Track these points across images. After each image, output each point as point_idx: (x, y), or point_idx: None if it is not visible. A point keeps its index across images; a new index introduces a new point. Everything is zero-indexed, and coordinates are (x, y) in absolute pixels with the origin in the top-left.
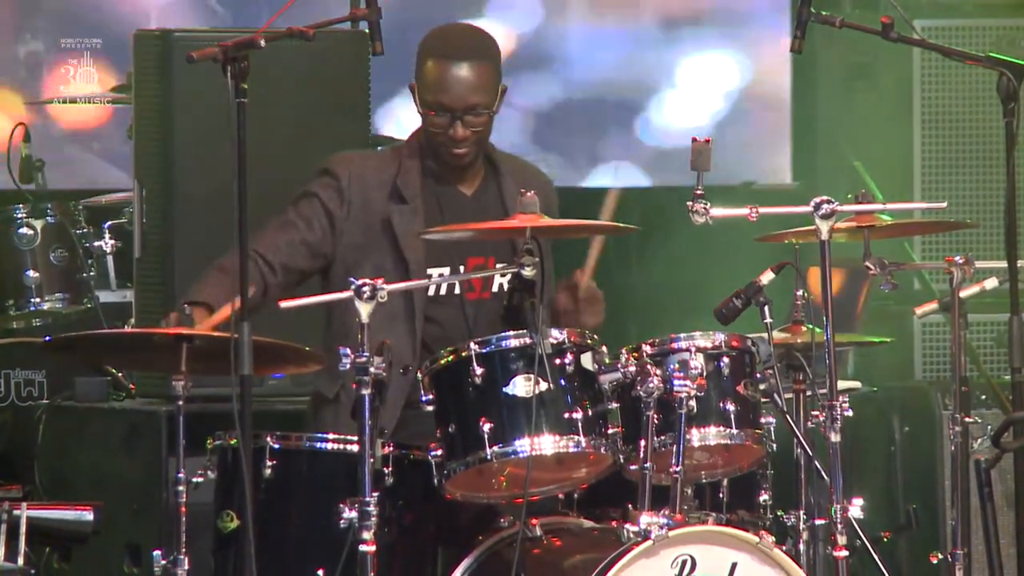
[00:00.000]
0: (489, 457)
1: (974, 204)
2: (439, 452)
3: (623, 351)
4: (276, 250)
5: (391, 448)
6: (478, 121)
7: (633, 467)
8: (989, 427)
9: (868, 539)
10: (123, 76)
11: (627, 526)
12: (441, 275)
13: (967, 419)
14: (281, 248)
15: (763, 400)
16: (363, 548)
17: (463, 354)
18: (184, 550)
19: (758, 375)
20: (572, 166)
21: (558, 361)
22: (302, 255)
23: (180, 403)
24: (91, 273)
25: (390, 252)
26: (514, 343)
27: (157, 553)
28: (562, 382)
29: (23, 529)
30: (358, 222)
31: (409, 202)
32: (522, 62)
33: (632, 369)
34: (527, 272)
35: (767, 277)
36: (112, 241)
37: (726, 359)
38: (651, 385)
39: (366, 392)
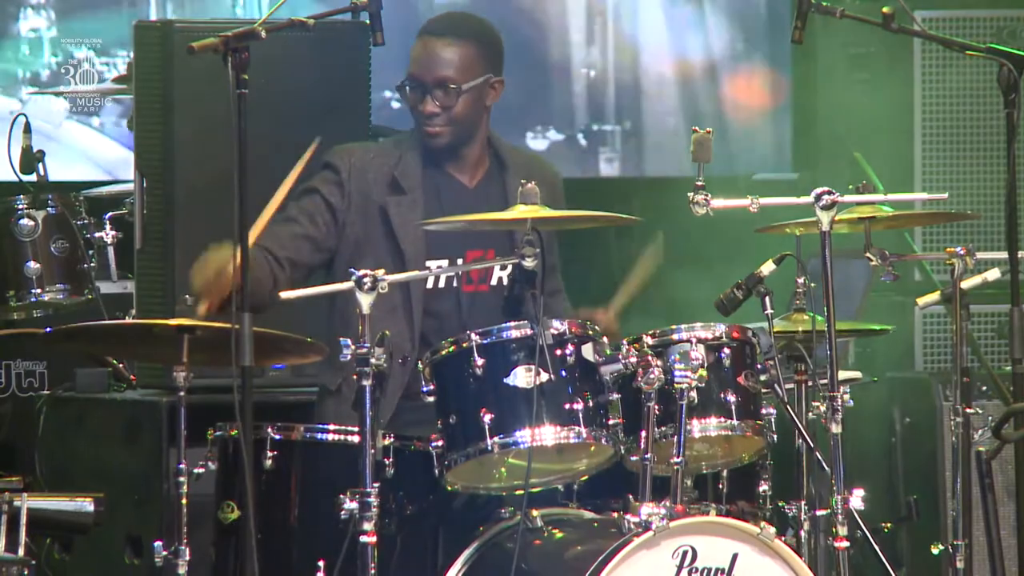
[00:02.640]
0: (490, 448)
1: (975, 195)
2: (440, 443)
3: (624, 342)
4: (281, 245)
5: (392, 439)
6: (447, 99)
7: (634, 458)
8: (990, 418)
9: (869, 530)
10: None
11: (628, 517)
12: (440, 267)
13: (968, 410)
14: (285, 243)
15: (764, 391)
16: (364, 539)
17: (464, 345)
18: (185, 541)
19: (759, 366)
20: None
21: (559, 352)
22: (306, 250)
23: (181, 394)
24: (92, 264)
25: (387, 244)
26: (515, 334)
27: (158, 544)
28: (563, 373)
29: (24, 520)
30: (359, 213)
31: (408, 192)
32: None
33: (633, 360)
34: (528, 263)
35: (768, 268)
36: (113, 232)
37: (727, 350)
38: (652, 376)
39: (367, 383)
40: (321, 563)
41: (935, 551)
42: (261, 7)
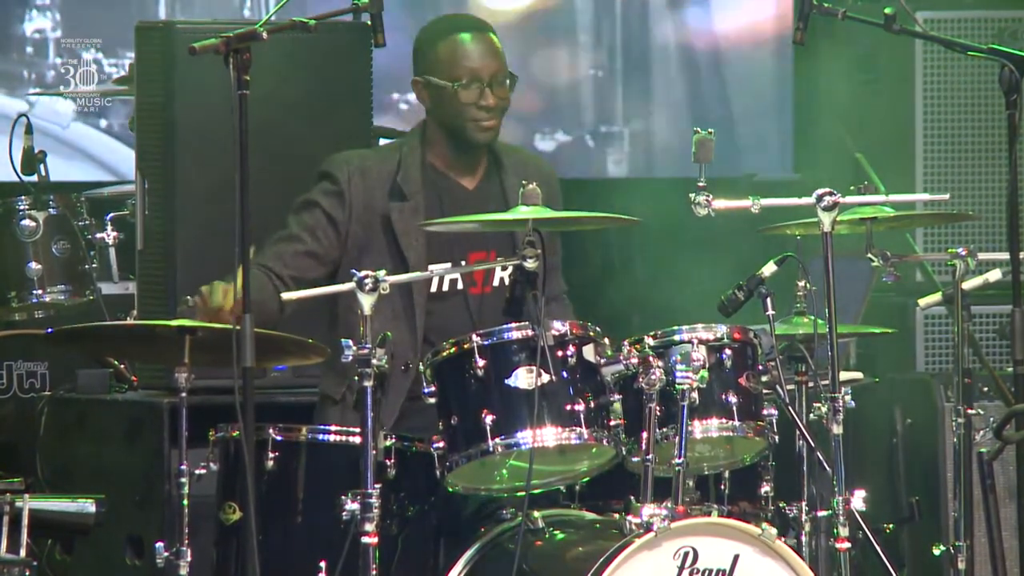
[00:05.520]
0: (491, 449)
1: (976, 196)
2: (441, 444)
3: (625, 343)
4: (284, 264)
5: (393, 440)
6: (503, 91)
7: (635, 459)
8: (991, 419)
9: (870, 531)
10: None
11: (629, 518)
12: (444, 269)
13: (969, 411)
14: (288, 261)
15: (765, 392)
16: (365, 540)
17: (465, 346)
18: (186, 542)
19: (760, 367)
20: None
21: (560, 353)
22: (310, 266)
23: (182, 395)
24: (93, 265)
25: (390, 250)
26: (516, 335)
27: (159, 545)
28: (564, 374)
29: (25, 521)
30: (360, 222)
31: (410, 199)
32: None
33: (634, 361)
34: (529, 264)
35: (769, 269)
36: (114, 233)
37: (728, 351)
38: (653, 377)
39: (368, 384)
40: (322, 564)
41: (936, 552)
42: (268, 8)
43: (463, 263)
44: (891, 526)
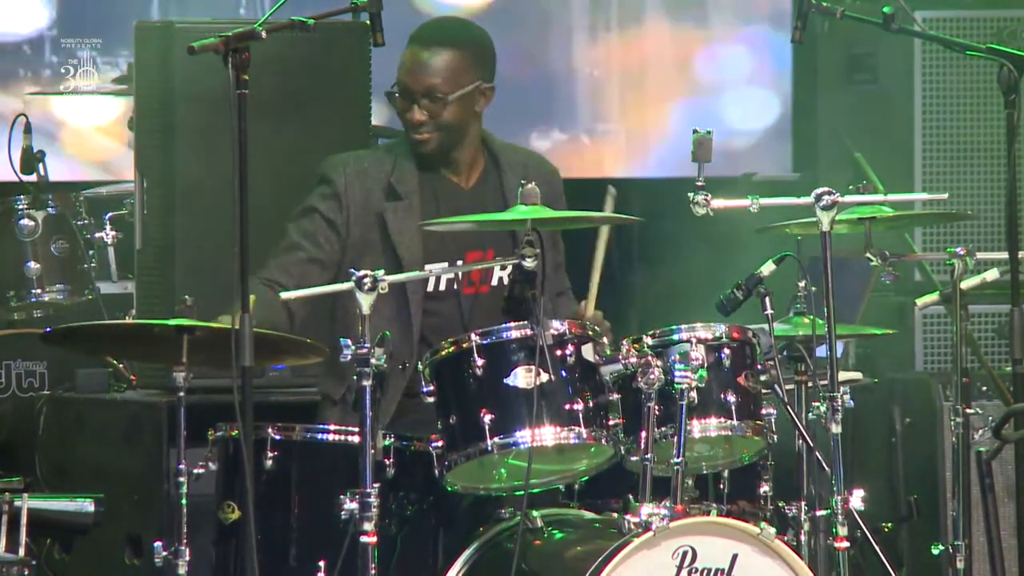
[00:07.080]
0: (490, 448)
1: (975, 195)
2: (440, 443)
3: (624, 342)
4: (288, 275)
5: (392, 439)
6: (434, 107)
7: (634, 458)
8: (990, 418)
9: (869, 530)
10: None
11: (628, 517)
12: (442, 268)
13: (968, 410)
14: (292, 271)
15: (764, 391)
16: (364, 539)
17: (464, 345)
18: (185, 541)
19: (759, 366)
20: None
21: (559, 352)
22: (314, 273)
23: (181, 394)
24: (92, 264)
25: (385, 250)
26: (515, 334)
27: (158, 544)
28: (563, 373)
29: (24, 520)
30: (359, 223)
31: (404, 198)
32: None
33: (633, 360)
34: (528, 264)
35: (768, 268)
36: (113, 232)
37: (727, 350)
38: (652, 376)
39: (367, 383)
40: (321, 563)
41: (935, 551)
42: (264, 7)
43: (460, 262)
44: (890, 525)
